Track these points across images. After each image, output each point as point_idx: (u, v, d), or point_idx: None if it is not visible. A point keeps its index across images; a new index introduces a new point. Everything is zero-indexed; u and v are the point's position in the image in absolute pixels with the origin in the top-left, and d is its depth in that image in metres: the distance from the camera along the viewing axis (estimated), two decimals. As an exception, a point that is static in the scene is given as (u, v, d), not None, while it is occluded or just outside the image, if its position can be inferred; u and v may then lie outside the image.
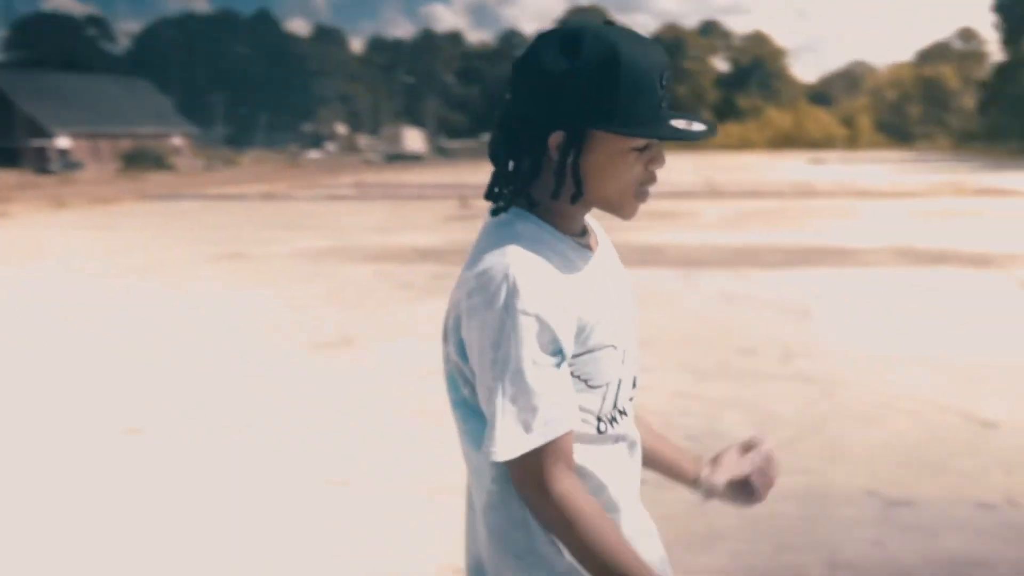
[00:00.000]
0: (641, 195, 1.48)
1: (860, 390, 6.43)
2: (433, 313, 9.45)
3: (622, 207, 1.48)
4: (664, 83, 1.41)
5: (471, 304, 1.39)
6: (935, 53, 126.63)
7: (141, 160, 58.80)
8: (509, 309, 1.35)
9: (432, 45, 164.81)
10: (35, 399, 6.54)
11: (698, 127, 1.44)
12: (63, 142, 60.21)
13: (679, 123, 1.42)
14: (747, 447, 1.73)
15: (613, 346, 1.47)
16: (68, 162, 57.77)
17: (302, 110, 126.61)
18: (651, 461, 1.71)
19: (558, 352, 1.38)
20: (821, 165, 49.64)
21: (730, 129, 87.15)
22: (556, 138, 1.40)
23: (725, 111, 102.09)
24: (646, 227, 16.90)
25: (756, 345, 7.78)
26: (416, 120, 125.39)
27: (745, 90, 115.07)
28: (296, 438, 5.55)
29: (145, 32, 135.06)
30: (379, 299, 10.39)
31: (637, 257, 12.73)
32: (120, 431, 5.73)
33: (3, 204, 25.96)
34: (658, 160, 1.46)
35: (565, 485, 1.37)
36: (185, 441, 5.54)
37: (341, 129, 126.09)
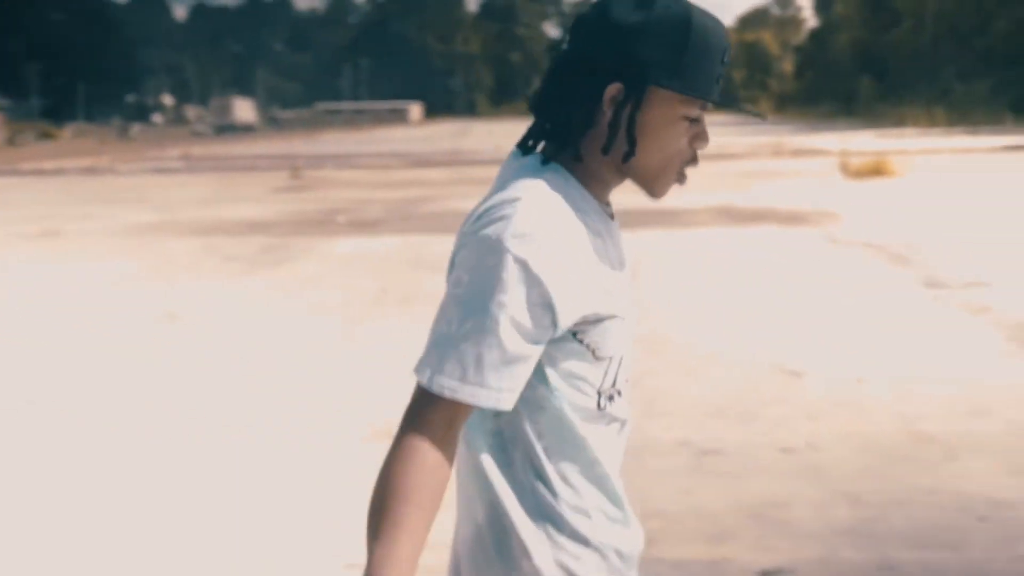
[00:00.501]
0: (682, 175, 1.44)
1: (681, 346, 6.69)
2: (262, 285, 9.33)
3: (659, 179, 1.42)
4: (724, 61, 1.39)
5: (469, 230, 1.33)
6: (755, 19, 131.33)
7: (-54, 135, 55.15)
8: (497, 243, 1.27)
9: (259, 12, 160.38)
10: None
11: (746, 108, 1.54)
12: None
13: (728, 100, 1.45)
14: None
15: (623, 319, 1.41)
16: None
17: (125, 80, 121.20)
18: None
19: (546, 318, 1.29)
20: (651, 129, 50.79)
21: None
22: (613, 89, 1.36)
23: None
24: (478, 194, 17.01)
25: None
26: (246, 90, 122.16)
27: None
28: (114, 414, 5.38)
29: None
30: (206, 273, 10.12)
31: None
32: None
33: None
34: (702, 138, 1.42)
35: (426, 445, 1.27)
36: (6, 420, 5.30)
37: (168, 100, 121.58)
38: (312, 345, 6.96)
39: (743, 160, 24.73)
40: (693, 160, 1.42)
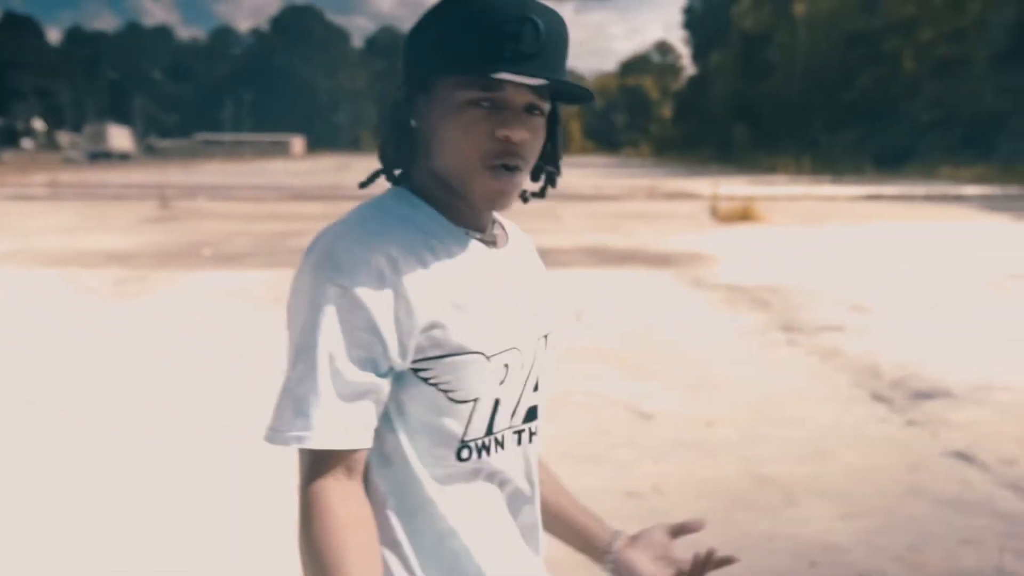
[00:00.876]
0: (494, 169, 1.22)
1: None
2: (113, 317, 8.94)
3: (470, 182, 1.23)
4: (509, 30, 1.18)
5: (297, 270, 1.22)
6: (636, 65, 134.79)
7: None
8: (317, 274, 1.16)
9: (139, 39, 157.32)
10: None
11: (541, 80, 1.21)
12: None
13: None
14: (679, 530, 1.51)
15: (483, 354, 1.23)
16: None
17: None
18: (551, 520, 1.47)
19: (377, 345, 1.17)
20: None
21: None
22: (397, 95, 1.27)
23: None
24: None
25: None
26: (124, 118, 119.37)
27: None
28: None
29: None
30: (52, 305, 9.65)
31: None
32: None
33: None
34: (508, 125, 1.21)
35: (326, 484, 1.16)
36: None
37: (39, 125, 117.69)
38: (150, 383, 6.67)
39: (617, 202, 25.12)
40: (504, 151, 1.22)
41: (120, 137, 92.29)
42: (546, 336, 1.38)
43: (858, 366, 7.24)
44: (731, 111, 70.09)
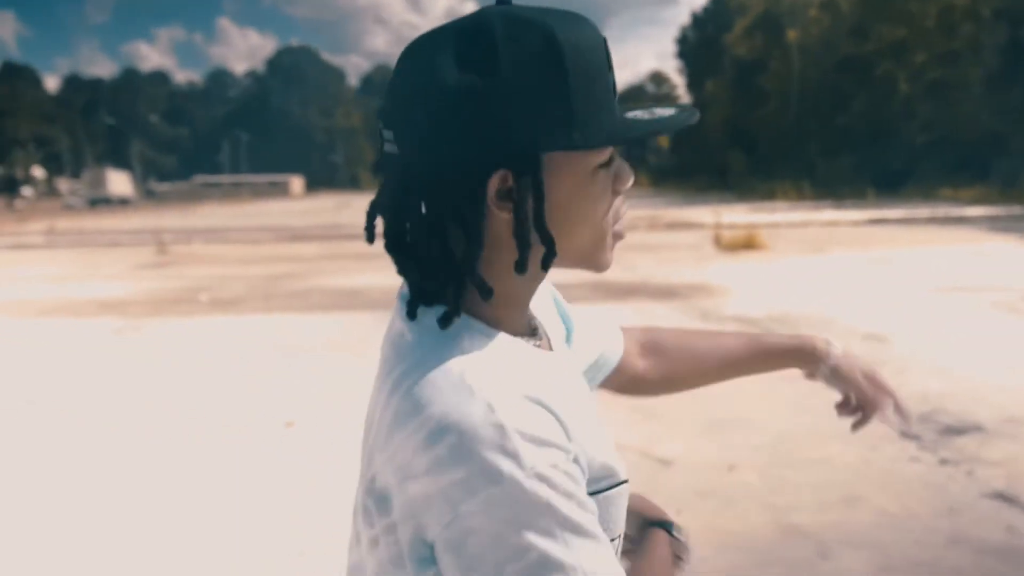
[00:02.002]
0: (618, 233, 1.03)
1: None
2: (102, 371, 8.65)
3: (601, 252, 1.02)
4: (610, 65, 0.97)
5: (454, 480, 0.85)
6: (630, 96, 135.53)
7: None
8: (517, 467, 0.85)
9: (135, 84, 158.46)
10: None
11: (668, 112, 1.01)
12: None
13: (640, 114, 1.00)
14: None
15: (626, 480, 1.03)
16: None
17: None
18: (734, 364, 1.55)
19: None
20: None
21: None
22: (497, 182, 0.92)
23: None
24: (350, 270, 16.54)
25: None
26: (122, 163, 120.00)
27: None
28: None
29: None
30: (39, 359, 9.37)
31: (341, 302, 12.33)
32: None
33: None
34: (624, 176, 1.01)
35: None
36: None
37: (38, 173, 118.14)
38: (144, 445, 6.38)
39: (619, 234, 24.88)
40: (620, 207, 1.03)
41: (119, 182, 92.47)
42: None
43: (880, 400, 6.93)
44: (727, 139, 70.07)
